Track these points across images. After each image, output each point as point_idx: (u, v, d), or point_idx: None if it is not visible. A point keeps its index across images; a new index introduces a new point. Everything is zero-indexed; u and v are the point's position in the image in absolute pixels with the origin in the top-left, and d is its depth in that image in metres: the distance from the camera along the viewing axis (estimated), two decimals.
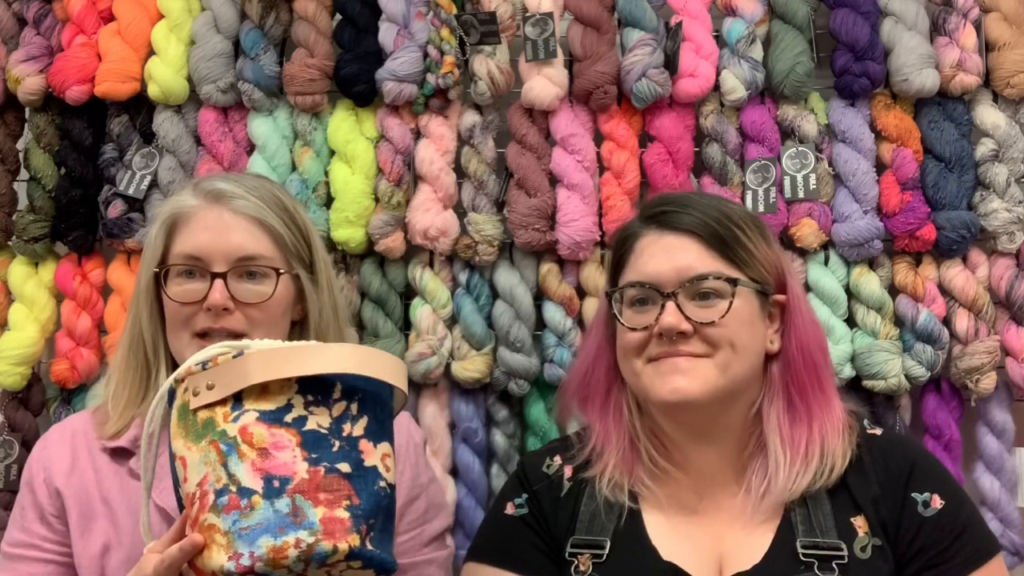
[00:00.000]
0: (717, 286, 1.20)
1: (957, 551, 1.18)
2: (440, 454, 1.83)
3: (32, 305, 1.90)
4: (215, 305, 1.27)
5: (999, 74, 1.81)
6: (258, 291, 1.30)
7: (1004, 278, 1.79)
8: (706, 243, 1.22)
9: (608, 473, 1.26)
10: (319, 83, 1.87)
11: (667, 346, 1.19)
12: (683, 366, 1.18)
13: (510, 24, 1.88)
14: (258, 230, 1.32)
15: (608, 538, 1.22)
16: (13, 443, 1.88)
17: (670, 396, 1.19)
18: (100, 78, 1.87)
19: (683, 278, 1.20)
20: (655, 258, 1.23)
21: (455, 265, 1.88)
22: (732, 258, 1.22)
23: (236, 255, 1.29)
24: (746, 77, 1.82)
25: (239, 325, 1.29)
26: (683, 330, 1.18)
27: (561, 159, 1.84)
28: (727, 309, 1.19)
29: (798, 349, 1.24)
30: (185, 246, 1.30)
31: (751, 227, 1.25)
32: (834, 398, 1.26)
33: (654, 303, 1.21)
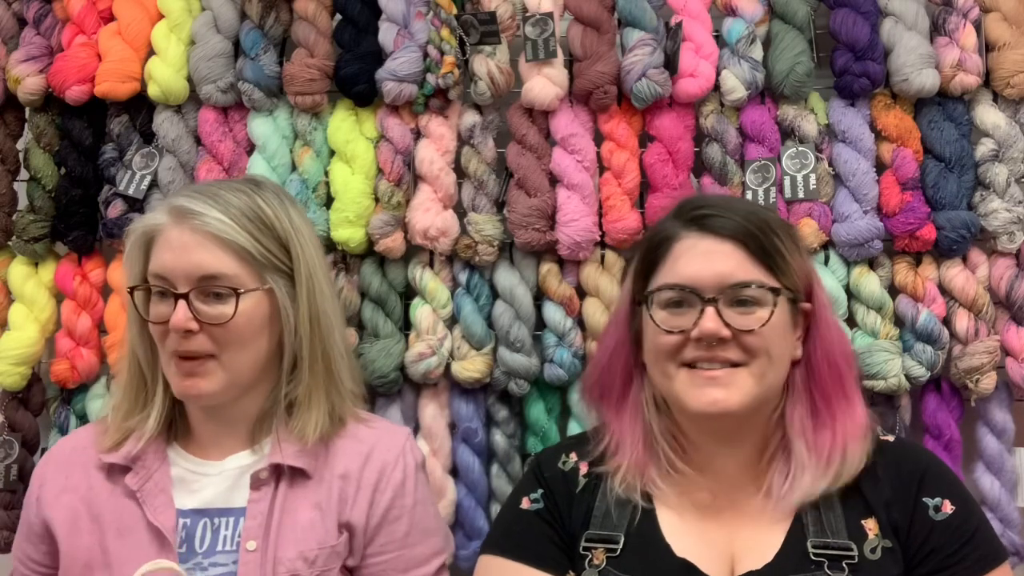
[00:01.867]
0: (758, 295, 1.20)
1: (966, 555, 1.19)
2: (440, 454, 1.83)
3: (32, 305, 1.90)
4: (176, 327, 1.26)
5: (999, 74, 1.81)
6: (220, 312, 1.28)
7: (1004, 278, 1.79)
8: (748, 250, 1.21)
9: (622, 473, 1.27)
10: (319, 83, 1.87)
11: (704, 351, 1.19)
12: (720, 377, 1.19)
13: (510, 24, 1.87)
14: (219, 248, 1.29)
15: (622, 533, 1.24)
16: (13, 443, 1.88)
17: (708, 408, 1.19)
18: (100, 78, 1.87)
19: (724, 284, 1.20)
20: (695, 261, 1.22)
21: (455, 265, 1.88)
22: (771, 266, 1.22)
23: (197, 274, 1.28)
24: (746, 77, 1.82)
25: (205, 347, 1.28)
26: (723, 336, 1.18)
27: (561, 159, 1.84)
28: (768, 318, 1.19)
29: (823, 356, 1.25)
30: (154, 265, 1.30)
31: (787, 235, 1.25)
32: (858, 404, 1.26)
33: (691, 307, 1.21)
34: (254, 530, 1.29)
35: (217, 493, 1.32)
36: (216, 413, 1.35)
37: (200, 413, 1.36)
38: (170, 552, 1.27)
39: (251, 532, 1.29)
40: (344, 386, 1.40)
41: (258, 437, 1.36)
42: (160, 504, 1.30)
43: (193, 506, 1.32)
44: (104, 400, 1.87)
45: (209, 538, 1.31)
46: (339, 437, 1.37)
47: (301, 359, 1.34)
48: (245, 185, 1.40)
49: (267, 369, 1.35)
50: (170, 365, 1.30)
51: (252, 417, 1.36)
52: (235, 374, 1.31)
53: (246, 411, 1.36)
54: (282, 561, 1.27)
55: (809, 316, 1.26)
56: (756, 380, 1.20)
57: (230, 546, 1.30)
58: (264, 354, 1.33)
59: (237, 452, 1.35)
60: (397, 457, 1.36)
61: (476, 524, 1.81)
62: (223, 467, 1.34)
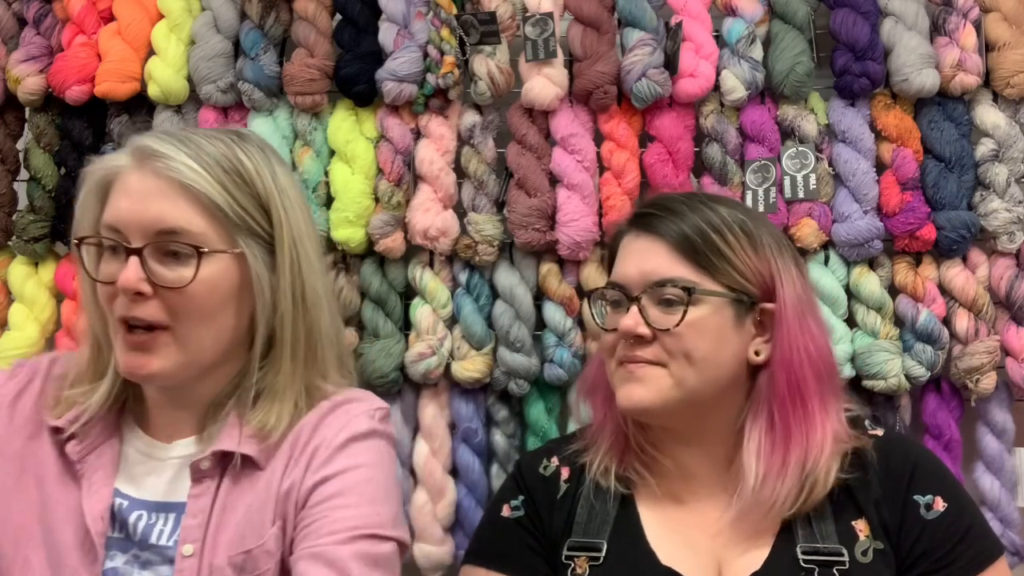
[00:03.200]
0: (680, 293, 1.18)
1: (960, 554, 1.17)
2: (440, 454, 1.83)
3: (32, 305, 1.90)
4: (125, 286, 1.05)
5: (999, 74, 1.81)
6: (178, 275, 1.07)
7: (1004, 278, 1.79)
8: (675, 248, 1.19)
9: (600, 459, 1.26)
10: (319, 83, 1.87)
11: (627, 349, 1.20)
12: (637, 374, 1.19)
13: (510, 24, 1.87)
14: (183, 198, 1.08)
15: (605, 540, 1.22)
16: None
17: (625, 403, 1.20)
18: (100, 78, 1.87)
19: (647, 282, 1.19)
20: (628, 260, 1.23)
21: (455, 265, 1.88)
22: (702, 265, 1.18)
23: (155, 228, 1.07)
24: (746, 77, 1.82)
25: (157, 315, 1.07)
26: (640, 334, 1.18)
27: (561, 159, 1.84)
28: (680, 318, 1.17)
29: (781, 363, 1.19)
30: (108, 215, 1.10)
31: (736, 233, 1.20)
32: (819, 416, 1.19)
33: (623, 305, 1.22)
34: (193, 531, 1.11)
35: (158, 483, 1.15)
36: (170, 394, 1.17)
37: (153, 392, 1.18)
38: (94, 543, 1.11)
39: (190, 533, 1.11)
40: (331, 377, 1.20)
41: (208, 423, 1.16)
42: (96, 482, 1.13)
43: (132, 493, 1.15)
44: None
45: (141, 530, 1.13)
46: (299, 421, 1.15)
47: (281, 341, 1.14)
48: (225, 134, 1.18)
49: (232, 350, 1.15)
50: (117, 336, 1.09)
51: (204, 404, 1.17)
52: (191, 352, 1.10)
53: (203, 395, 1.16)
54: (217, 568, 1.09)
55: (772, 317, 1.21)
56: (675, 381, 1.17)
57: (167, 540, 1.12)
58: (229, 331, 1.13)
59: (187, 437, 1.17)
60: (347, 421, 1.15)
61: (476, 524, 1.81)
62: (169, 452, 1.16)
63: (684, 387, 1.18)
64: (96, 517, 1.11)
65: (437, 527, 1.81)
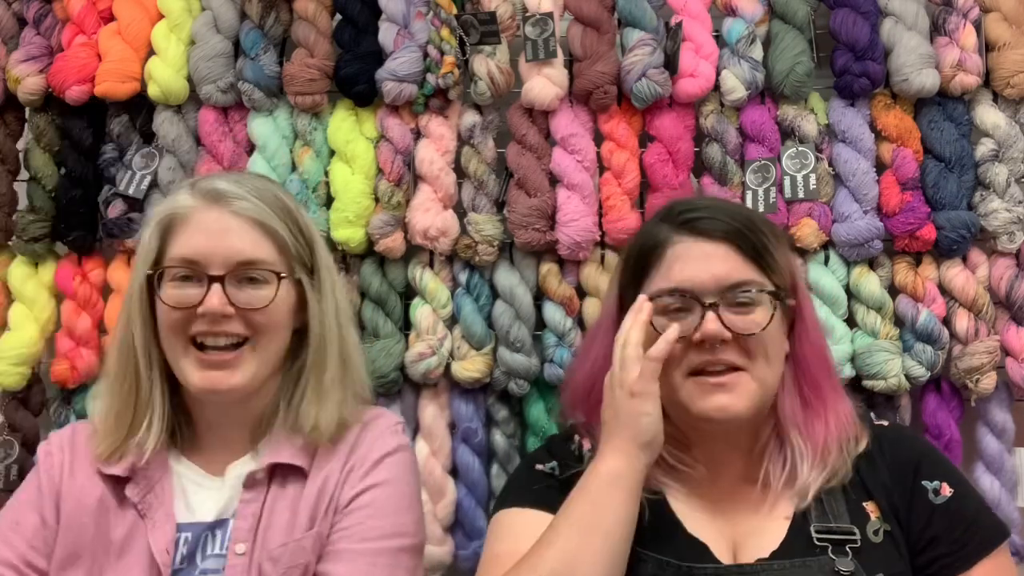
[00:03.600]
0: (755, 296, 1.21)
1: (969, 539, 1.20)
2: (440, 454, 1.83)
3: (32, 305, 1.90)
4: (212, 311, 1.21)
5: (999, 74, 1.81)
6: (259, 296, 1.25)
7: (1004, 278, 1.79)
8: (741, 251, 1.22)
9: None
10: (319, 83, 1.87)
11: (707, 355, 1.19)
12: (726, 383, 1.19)
13: (510, 24, 1.88)
14: (259, 233, 1.26)
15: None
16: (13, 443, 1.88)
17: (717, 414, 1.19)
18: (100, 78, 1.87)
19: (723, 286, 1.20)
20: (691, 265, 1.22)
21: (455, 265, 1.88)
22: (763, 266, 1.23)
23: (235, 259, 1.24)
24: (746, 77, 1.82)
25: (239, 330, 1.24)
26: (725, 339, 1.18)
27: (561, 159, 1.84)
28: (769, 319, 1.20)
29: (811, 350, 1.26)
30: (182, 249, 1.25)
31: (772, 233, 1.26)
32: (842, 392, 1.29)
33: (691, 311, 1.21)
34: (244, 532, 1.25)
35: (216, 506, 1.28)
36: (224, 414, 1.31)
37: (206, 416, 1.31)
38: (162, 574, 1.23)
39: (240, 535, 1.25)
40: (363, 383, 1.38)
41: (257, 439, 1.31)
42: (160, 519, 1.25)
43: (192, 520, 1.28)
44: None
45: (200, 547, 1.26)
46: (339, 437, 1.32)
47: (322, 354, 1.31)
48: (257, 177, 1.37)
49: (280, 365, 1.32)
50: (187, 356, 1.24)
51: (256, 418, 1.32)
52: (264, 364, 1.27)
53: (255, 409, 1.31)
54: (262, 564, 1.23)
55: (794, 311, 1.27)
56: (759, 383, 1.21)
57: (220, 549, 1.25)
58: (284, 347, 1.30)
59: (239, 459, 1.31)
60: (376, 438, 1.31)
61: (476, 524, 1.81)
62: (224, 482, 1.29)
63: (765, 387, 1.22)
64: (162, 549, 1.23)
65: (437, 527, 1.81)
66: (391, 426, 1.35)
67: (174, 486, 1.29)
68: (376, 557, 1.23)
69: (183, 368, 1.25)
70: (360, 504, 1.26)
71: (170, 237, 1.26)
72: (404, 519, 1.28)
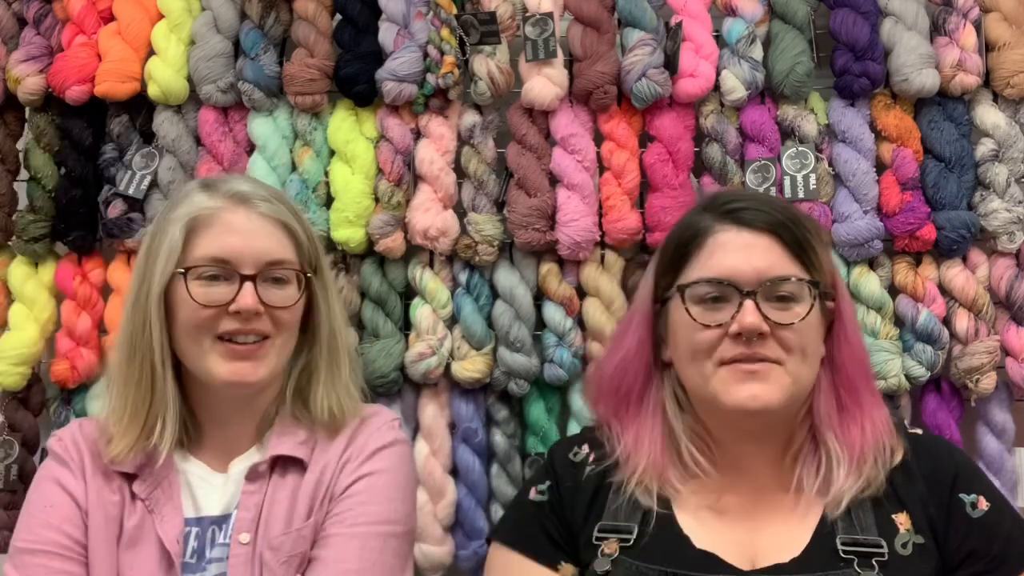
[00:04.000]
0: (796, 289, 1.18)
1: (1008, 553, 1.17)
2: (440, 454, 1.83)
3: (32, 305, 1.90)
4: (247, 308, 1.25)
5: (999, 74, 1.81)
6: (284, 295, 1.29)
7: (1004, 278, 1.79)
8: (784, 244, 1.19)
9: (638, 475, 1.23)
10: (319, 83, 1.87)
11: (743, 347, 1.16)
12: (760, 372, 1.16)
13: (510, 24, 1.88)
14: (282, 234, 1.30)
15: (636, 524, 1.21)
16: (13, 443, 1.88)
17: (748, 403, 1.16)
18: (100, 78, 1.87)
19: (763, 278, 1.17)
20: (732, 255, 1.19)
21: (455, 265, 1.88)
22: (805, 261, 1.20)
23: (265, 259, 1.27)
24: (746, 77, 1.82)
25: (266, 328, 1.28)
26: (763, 331, 1.15)
27: (561, 159, 1.84)
28: (807, 313, 1.17)
29: (850, 356, 1.23)
30: (210, 248, 1.27)
31: (815, 231, 1.24)
32: (880, 398, 1.26)
33: (728, 301, 1.17)
34: (247, 523, 1.28)
35: (221, 501, 1.31)
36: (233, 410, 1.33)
37: (214, 414, 1.33)
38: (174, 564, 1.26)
39: (244, 524, 1.28)
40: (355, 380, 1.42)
41: (262, 433, 1.35)
42: (168, 513, 1.28)
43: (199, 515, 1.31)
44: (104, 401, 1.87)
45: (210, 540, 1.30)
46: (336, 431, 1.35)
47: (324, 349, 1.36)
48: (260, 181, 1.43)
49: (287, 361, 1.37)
50: (213, 351, 1.26)
51: (261, 413, 1.35)
52: (281, 358, 1.32)
53: (259, 406, 1.34)
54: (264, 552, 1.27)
55: (833, 312, 1.24)
56: (793, 378, 1.17)
57: (224, 539, 1.28)
58: (295, 343, 1.35)
59: (243, 453, 1.34)
60: (372, 433, 1.35)
61: (476, 524, 1.81)
62: (228, 477, 1.32)
63: (799, 383, 1.18)
64: (172, 540, 1.26)
65: (437, 527, 1.81)
66: (388, 421, 1.38)
67: (180, 483, 1.31)
68: (365, 541, 1.25)
69: (208, 363, 1.27)
70: (353, 491, 1.29)
71: (194, 237, 1.28)
72: (395, 507, 1.30)
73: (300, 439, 1.32)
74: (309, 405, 1.34)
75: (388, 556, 1.27)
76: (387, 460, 1.33)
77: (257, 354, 1.28)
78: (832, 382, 1.23)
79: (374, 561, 1.25)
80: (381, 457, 1.32)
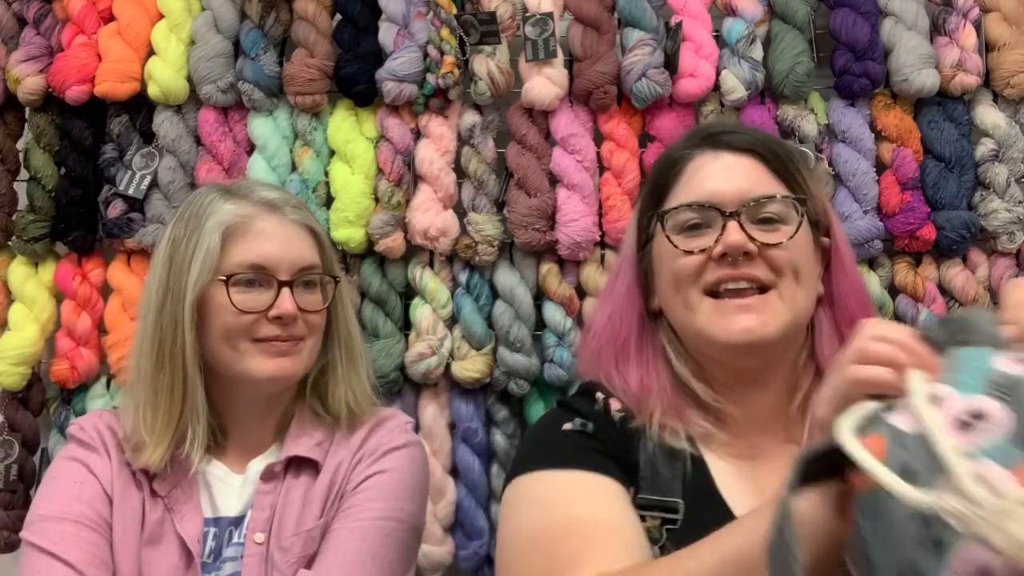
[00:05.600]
0: (781, 210, 1.09)
1: None
2: (440, 454, 1.83)
3: (32, 305, 1.90)
4: (287, 313, 1.27)
5: (999, 74, 1.81)
6: (316, 299, 1.32)
7: (1004, 278, 1.79)
8: (769, 164, 1.12)
9: (657, 420, 1.10)
10: (319, 83, 1.87)
11: (728, 268, 1.07)
12: (751, 304, 1.07)
13: (510, 24, 1.88)
14: (311, 239, 1.34)
15: (679, 498, 1.07)
16: (13, 443, 1.88)
17: (741, 337, 1.06)
18: (100, 78, 1.87)
19: (746, 198, 1.08)
20: (713, 177, 1.11)
21: (455, 265, 1.88)
22: (791, 182, 1.12)
23: (298, 264, 1.30)
24: (746, 77, 1.82)
25: (301, 331, 1.31)
26: (749, 251, 1.07)
27: (561, 159, 1.84)
28: (795, 231, 1.08)
29: (850, 292, 1.15)
30: (248, 255, 1.28)
31: (805, 159, 1.20)
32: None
33: (712, 226, 1.09)
34: (262, 522, 1.29)
35: (239, 501, 1.33)
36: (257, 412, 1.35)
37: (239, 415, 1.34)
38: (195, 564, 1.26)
39: (258, 524, 1.29)
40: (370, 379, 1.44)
41: (281, 433, 1.37)
42: (188, 512, 1.29)
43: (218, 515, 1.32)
44: (104, 400, 1.88)
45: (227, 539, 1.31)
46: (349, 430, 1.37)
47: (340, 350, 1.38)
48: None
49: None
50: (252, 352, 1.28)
51: (282, 413, 1.37)
52: (312, 358, 1.34)
53: (280, 406, 1.36)
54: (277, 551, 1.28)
55: (828, 253, 1.16)
56: (787, 304, 1.08)
57: (239, 538, 1.30)
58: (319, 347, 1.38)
59: (261, 454, 1.35)
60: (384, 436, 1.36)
61: (476, 524, 1.81)
62: (246, 478, 1.33)
63: (795, 310, 1.08)
64: (194, 539, 1.27)
65: (437, 527, 1.81)
66: (401, 424, 1.41)
67: (200, 484, 1.32)
68: (366, 534, 1.27)
69: (247, 364, 1.28)
70: (361, 489, 1.31)
71: (229, 245, 1.28)
72: (401, 505, 1.31)
73: (316, 440, 1.34)
74: (327, 402, 1.37)
75: (389, 551, 1.27)
76: (397, 460, 1.34)
77: (294, 351, 1.30)
78: (833, 320, 1.14)
79: (373, 554, 1.25)
80: (392, 458, 1.34)
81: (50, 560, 1.20)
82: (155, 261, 1.33)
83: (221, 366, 1.30)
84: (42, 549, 1.21)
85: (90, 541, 1.23)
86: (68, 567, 1.19)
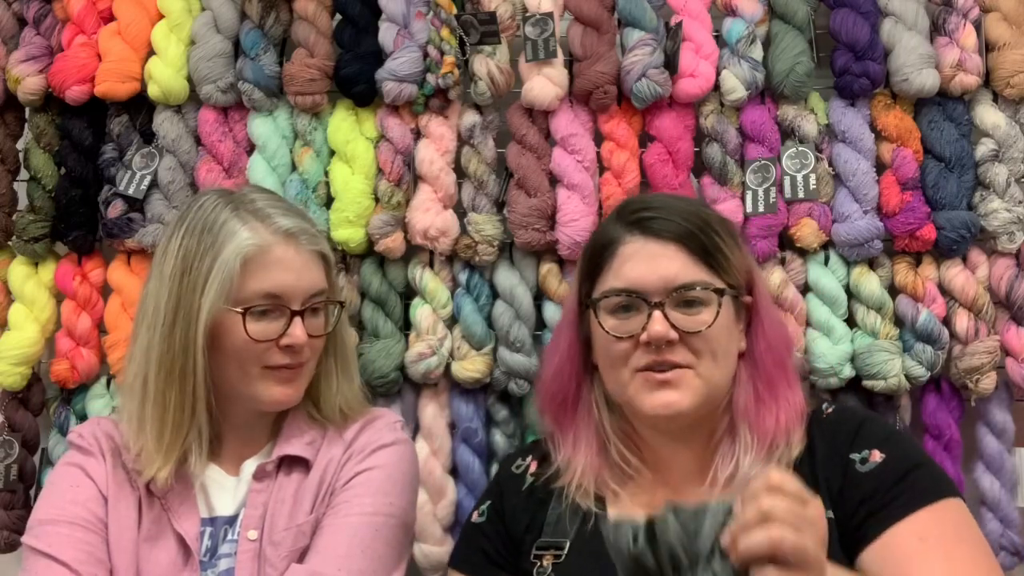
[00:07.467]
0: (703, 295, 1.21)
1: (898, 494, 1.14)
2: (440, 454, 1.83)
3: (32, 305, 1.90)
4: (298, 343, 1.30)
5: (999, 74, 1.81)
6: (320, 323, 1.35)
7: (1004, 278, 1.79)
8: (690, 251, 1.22)
9: (576, 478, 1.28)
10: (319, 83, 1.87)
11: (653, 355, 1.20)
12: (671, 380, 1.20)
13: (510, 24, 1.87)
14: (322, 265, 1.36)
15: (568, 539, 1.25)
16: (13, 443, 1.88)
17: (662, 410, 1.20)
18: (100, 78, 1.87)
19: (670, 287, 1.21)
20: (640, 266, 1.23)
21: (455, 265, 1.88)
22: (713, 266, 1.23)
23: (310, 292, 1.33)
24: (746, 77, 1.82)
25: (307, 356, 1.34)
26: (671, 339, 1.19)
27: (561, 159, 1.84)
28: (713, 320, 1.21)
29: (766, 348, 1.26)
30: (264, 284, 1.29)
31: (727, 232, 1.27)
32: (797, 388, 1.28)
33: (638, 311, 1.22)
34: (255, 520, 1.31)
35: (234, 502, 1.35)
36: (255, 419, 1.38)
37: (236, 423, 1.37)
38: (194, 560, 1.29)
39: (252, 522, 1.31)
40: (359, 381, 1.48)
41: (275, 435, 1.39)
42: (184, 511, 1.31)
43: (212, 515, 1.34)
44: (104, 400, 1.88)
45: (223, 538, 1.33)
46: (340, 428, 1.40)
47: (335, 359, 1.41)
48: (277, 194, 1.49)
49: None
50: (262, 378, 1.31)
51: (278, 418, 1.40)
52: (310, 377, 1.37)
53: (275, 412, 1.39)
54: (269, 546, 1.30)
55: (751, 308, 1.28)
56: (704, 381, 1.21)
57: (234, 535, 1.32)
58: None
59: (255, 454, 1.38)
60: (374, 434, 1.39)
61: None
62: (240, 479, 1.36)
63: (711, 385, 1.22)
64: (192, 536, 1.30)
65: (437, 527, 1.81)
66: (390, 423, 1.43)
67: (196, 486, 1.34)
68: (356, 529, 1.29)
69: (255, 390, 1.32)
70: (350, 485, 1.33)
71: (246, 273, 1.29)
72: (390, 500, 1.34)
73: (308, 439, 1.37)
74: (320, 404, 1.39)
75: (379, 544, 1.30)
76: (386, 457, 1.37)
77: (296, 376, 1.34)
78: (750, 374, 1.26)
79: (363, 548, 1.28)
80: (380, 455, 1.36)
81: (47, 561, 1.24)
82: (162, 271, 1.31)
83: (227, 385, 1.32)
84: (39, 551, 1.25)
85: (85, 541, 1.27)
86: (63, 567, 1.24)
